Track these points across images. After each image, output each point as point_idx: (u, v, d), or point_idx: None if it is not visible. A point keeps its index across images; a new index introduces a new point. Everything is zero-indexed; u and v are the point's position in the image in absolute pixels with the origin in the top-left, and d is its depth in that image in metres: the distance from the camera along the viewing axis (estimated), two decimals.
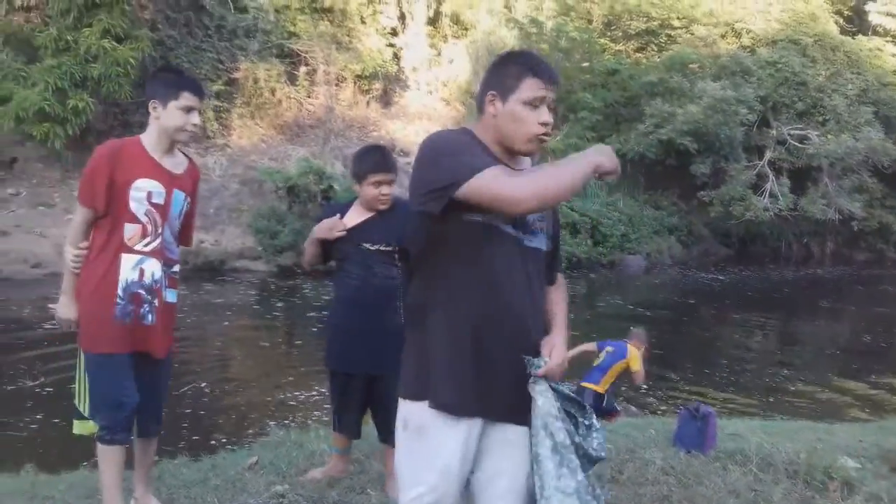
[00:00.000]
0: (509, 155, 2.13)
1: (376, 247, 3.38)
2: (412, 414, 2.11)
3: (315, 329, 10.71)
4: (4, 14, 15.25)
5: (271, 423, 5.93)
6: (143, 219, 2.92)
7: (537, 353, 2.06)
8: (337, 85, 18.34)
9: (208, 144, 16.25)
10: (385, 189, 3.37)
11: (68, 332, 3.02)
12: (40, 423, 6.25)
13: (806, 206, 19.63)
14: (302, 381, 7.86)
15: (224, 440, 5.85)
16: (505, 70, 2.11)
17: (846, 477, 3.87)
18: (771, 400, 8.30)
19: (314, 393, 7.32)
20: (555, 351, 2.06)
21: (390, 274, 3.38)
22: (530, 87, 2.07)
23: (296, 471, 3.75)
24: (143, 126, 3.08)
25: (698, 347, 11.30)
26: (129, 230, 2.91)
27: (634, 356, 6.77)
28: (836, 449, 4.42)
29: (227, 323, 11.08)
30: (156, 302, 2.97)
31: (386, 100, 19.45)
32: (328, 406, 6.18)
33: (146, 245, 2.94)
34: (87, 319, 2.93)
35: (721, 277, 17.89)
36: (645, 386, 7.06)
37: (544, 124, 2.07)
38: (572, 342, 2.29)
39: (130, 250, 2.92)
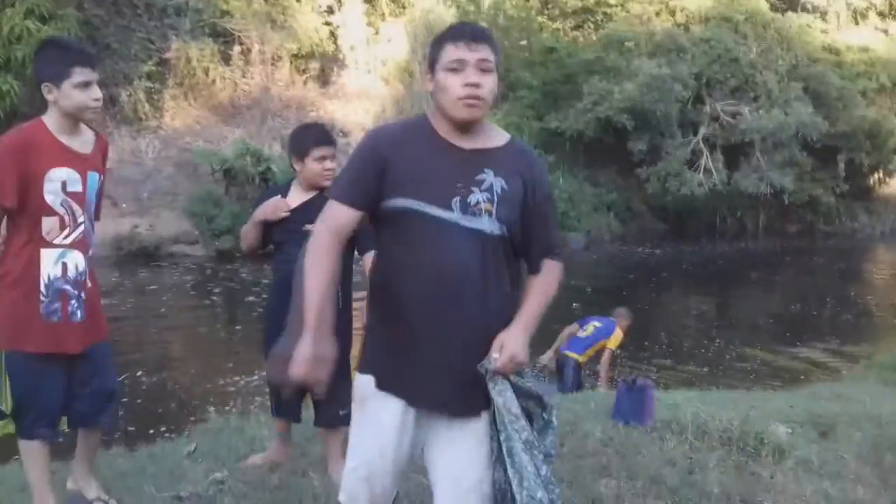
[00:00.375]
0: (461, 130, 2.09)
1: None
2: (358, 386, 2.15)
3: (255, 313, 10.55)
4: None
5: (211, 409, 5.90)
6: (60, 210, 2.75)
7: (487, 344, 2.02)
8: (273, 64, 17.96)
9: (140, 127, 15.79)
10: (329, 164, 3.30)
11: None
12: None
13: (739, 181, 20.03)
14: (241, 366, 7.76)
15: (163, 429, 5.75)
16: (432, 46, 2.11)
17: (778, 442, 3.96)
18: (708, 370, 8.53)
19: (255, 378, 7.25)
20: (504, 348, 2.00)
21: None
22: (448, 52, 2.05)
23: (236, 457, 3.69)
24: None
25: (638, 321, 11.37)
26: (47, 224, 2.74)
27: (617, 337, 7.03)
28: (769, 416, 4.53)
29: (164, 309, 10.87)
30: (83, 295, 2.83)
31: (324, 79, 19.14)
32: (268, 391, 6.09)
33: (66, 237, 2.78)
34: (8, 318, 2.76)
35: (658, 252, 18.22)
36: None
37: (468, 85, 2.02)
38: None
39: (50, 244, 2.75)
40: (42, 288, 2.75)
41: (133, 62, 15.51)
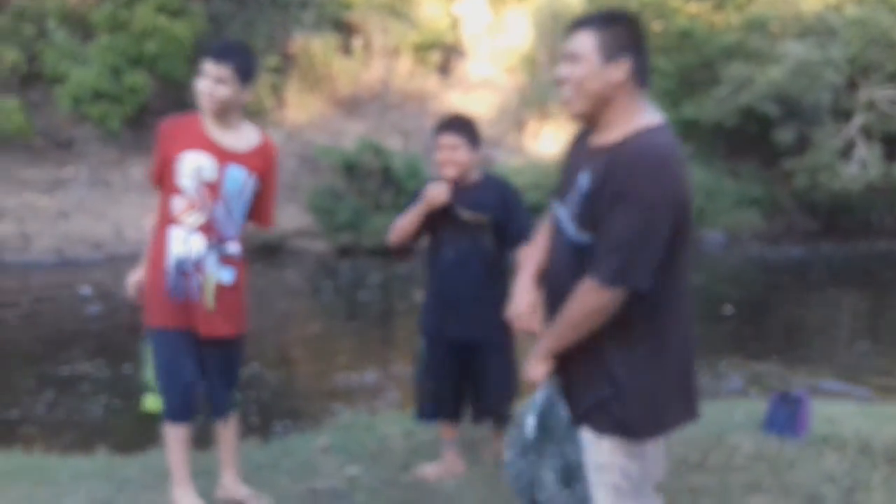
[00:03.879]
0: (595, 125, 2.04)
1: (472, 215, 3.20)
2: None
3: (372, 310, 10.34)
4: None
5: (337, 405, 6.03)
6: (191, 193, 2.90)
7: (579, 353, 2.12)
8: (394, 56, 17.69)
9: (264, 121, 15.83)
10: (447, 153, 3.17)
11: (135, 306, 3.07)
12: (102, 406, 6.29)
13: None
14: (357, 363, 7.65)
15: (288, 423, 5.84)
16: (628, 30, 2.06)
17: None
18: (869, 382, 7.62)
19: (374, 375, 7.19)
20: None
21: (485, 245, 3.24)
22: None
23: (367, 453, 3.75)
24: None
25: (789, 328, 10.51)
26: (178, 203, 2.92)
27: None
28: None
29: (284, 303, 10.83)
30: (201, 278, 2.95)
31: (445, 70, 18.69)
32: (392, 388, 6.36)
33: (193, 220, 2.93)
34: (146, 293, 2.99)
35: (806, 251, 16.78)
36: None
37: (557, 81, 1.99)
38: None
39: (179, 224, 2.92)
40: (170, 264, 2.92)
41: (258, 56, 15.53)
